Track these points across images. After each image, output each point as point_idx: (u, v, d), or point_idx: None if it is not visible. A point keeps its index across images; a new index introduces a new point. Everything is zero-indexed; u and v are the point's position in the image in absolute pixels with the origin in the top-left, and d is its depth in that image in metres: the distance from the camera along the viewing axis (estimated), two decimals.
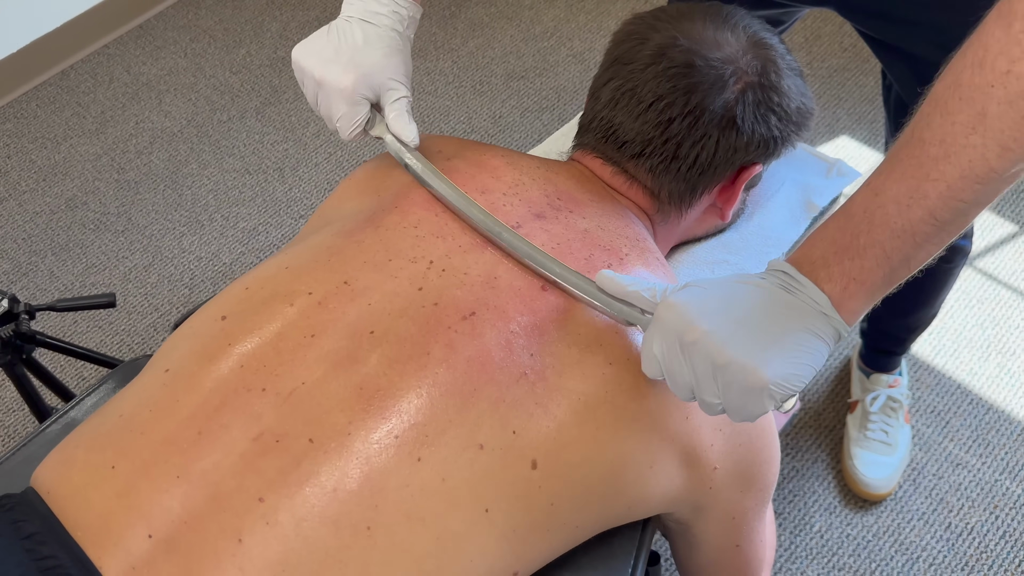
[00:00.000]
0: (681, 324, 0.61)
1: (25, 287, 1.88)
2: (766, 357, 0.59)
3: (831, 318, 0.60)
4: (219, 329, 0.71)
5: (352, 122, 0.81)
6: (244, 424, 0.65)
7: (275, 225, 1.97)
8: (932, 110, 0.56)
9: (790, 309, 0.60)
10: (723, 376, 0.60)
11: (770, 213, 0.99)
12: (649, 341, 0.64)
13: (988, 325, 1.71)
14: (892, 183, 0.58)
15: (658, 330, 0.63)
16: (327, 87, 0.80)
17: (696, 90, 0.79)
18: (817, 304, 0.60)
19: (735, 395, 0.60)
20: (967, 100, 0.53)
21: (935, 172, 0.55)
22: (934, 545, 1.46)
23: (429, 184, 0.78)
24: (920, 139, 0.56)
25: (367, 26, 0.81)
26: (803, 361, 0.59)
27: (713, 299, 0.62)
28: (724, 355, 0.59)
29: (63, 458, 0.69)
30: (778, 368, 0.59)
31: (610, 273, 0.68)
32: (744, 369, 0.58)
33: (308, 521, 0.61)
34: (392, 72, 0.81)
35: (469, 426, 0.65)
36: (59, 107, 2.24)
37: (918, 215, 0.57)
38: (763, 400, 0.59)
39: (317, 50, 0.81)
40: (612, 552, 0.81)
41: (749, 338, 0.59)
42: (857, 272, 0.59)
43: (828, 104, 2.12)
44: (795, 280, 0.61)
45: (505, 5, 2.44)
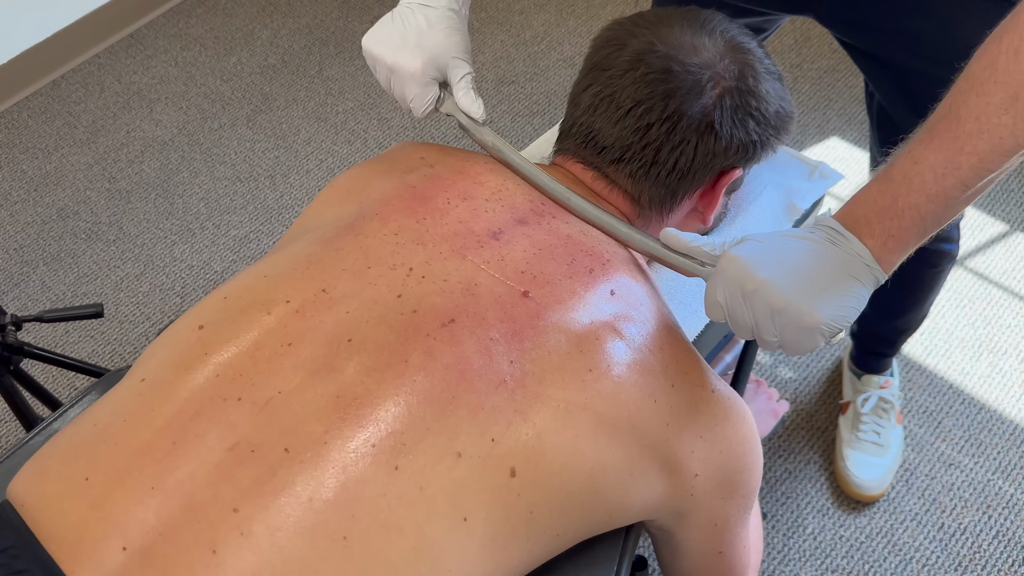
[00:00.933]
0: (742, 274, 0.68)
1: (17, 297, 1.88)
2: (818, 301, 0.66)
3: (872, 268, 0.67)
4: (196, 338, 0.71)
5: (424, 102, 0.87)
6: (220, 434, 0.65)
7: (266, 233, 1.97)
8: (968, 88, 0.63)
9: (837, 259, 0.68)
10: (780, 319, 0.67)
11: (752, 216, 0.99)
12: (712, 290, 0.71)
13: (979, 324, 1.71)
14: (930, 153, 0.65)
15: (721, 280, 0.70)
16: (399, 72, 0.85)
17: (674, 95, 0.79)
18: (860, 256, 0.67)
19: (791, 334, 0.68)
20: (1002, 84, 0.61)
21: (969, 146, 0.63)
22: (927, 546, 1.46)
23: (501, 153, 0.84)
24: (956, 115, 0.63)
25: (427, 9, 0.86)
26: (849, 304, 0.67)
27: (769, 252, 0.69)
28: (781, 300, 0.67)
29: (37, 469, 0.69)
30: (828, 310, 0.66)
31: (673, 230, 0.76)
32: (799, 312, 0.66)
33: (283, 531, 0.61)
34: (455, 51, 0.86)
35: (447, 434, 0.65)
36: (50, 117, 2.25)
37: (951, 183, 0.64)
38: (816, 337, 0.67)
39: (385, 38, 0.86)
40: (596, 559, 0.81)
41: (802, 285, 0.67)
42: (896, 230, 0.67)
43: (818, 105, 2.12)
44: (841, 235, 0.68)
45: (495, 10, 2.45)
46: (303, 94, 2.26)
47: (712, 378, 0.77)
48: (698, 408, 0.74)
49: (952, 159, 0.63)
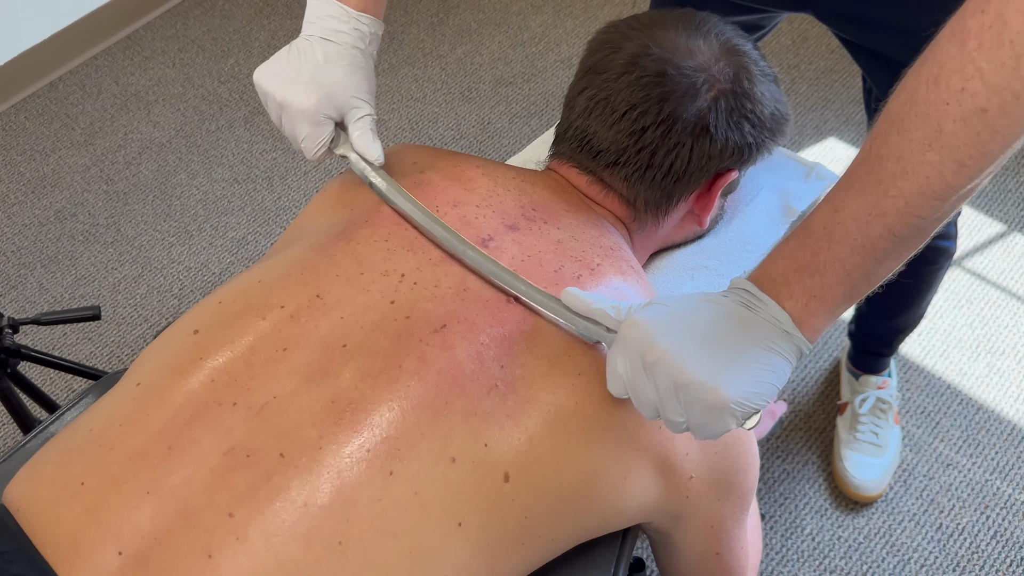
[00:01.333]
0: (644, 342, 0.61)
1: (14, 300, 1.88)
2: (727, 376, 0.59)
3: (792, 335, 0.60)
4: (191, 343, 0.71)
5: (316, 143, 0.81)
6: (215, 439, 0.65)
7: (264, 234, 1.97)
8: (889, 127, 0.56)
9: (751, 327, 0.61)
10: (685, 395, 0.60)
11: (749, 218, 0.99)
12: (613, 359, 0.65)
13: (977, 325, 1.71)
14: (851, 200, 0.58)
15: (621, 348, 0.64)
16: (289, 108, 0.80)
17: (669, 98, 0.79)
18: (778, 322, 0.60)
19: (697, 414, 0.61)
20: (923, 117, 0.54)
21: (893, 189, 0.56)
22: (925, 546, 1.46)
23: (393, 203, 0.78)
24: (878, 155, 0.57)
25: (328, 44, 0.81)
26: (764, 379, 0.60)
27: (676, 317, 0.62)
28: (685, 375, 0.59)
29: (32, 474, 0.69)
30: (739, 387, 0.59)
31: (575, 290, 0.69)
32: (704, 388, 0.59)
33: (278, 536, 0.61)
34: (354, 90, 0.81)
35: (441, 439, 0.65)
36: (48, 119, 2.25)
37: (877, 231, 0.57)
38: (725, 418, 0.60)
39: (278, 71, 0.81)
40: (593, 561, 0.81)
41: (710, 357, 0.60)
42: (818, 289, 0.60)
43: (816, 106, 2.12)
44: (756, 298, 0.61)
45: (493, 11, 2.45)
46: None
47: None
48: None
49: (876, 204, 0.57)
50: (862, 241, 0.58)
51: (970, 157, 0.53)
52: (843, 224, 0.58)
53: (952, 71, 0.52)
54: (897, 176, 0.56)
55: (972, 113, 0.52)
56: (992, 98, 0.51)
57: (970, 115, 0.52)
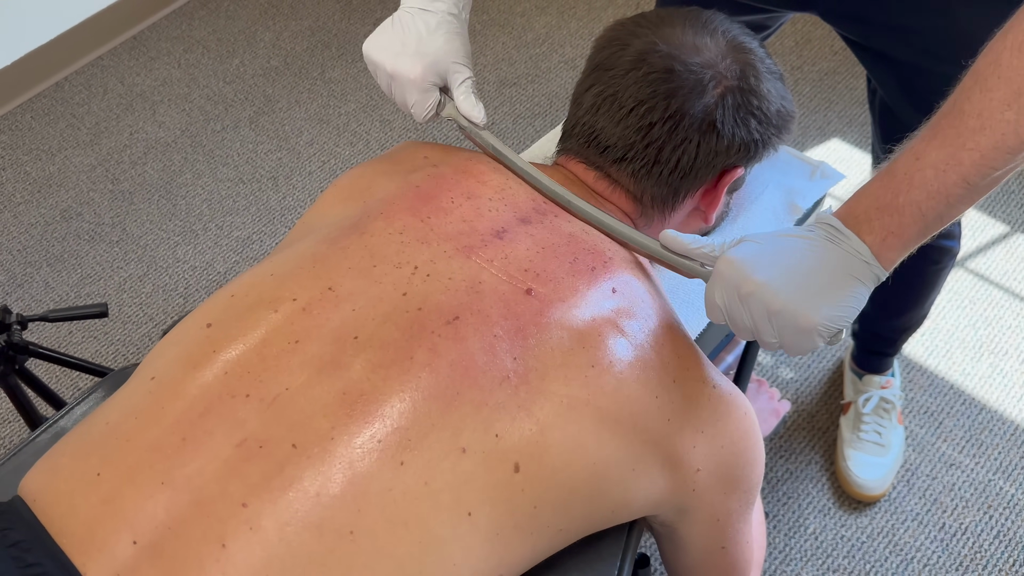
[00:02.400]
0: (739, 277, 0.68)
1: (20, 298, 1.88)
2: (814, 302, 0.66)
3: (871, 265, 0.67)
4: (204, 336, 0.71)
5: (425, 107, 0.87)
6: (228, 430, 0.66)
7: (269, 234, 1.98)
8: (973, 84, 0.62)
9: (835, 258, 0.67)
10: (778, 320, 0.67)
11: (754, 216, 1.00)
12: (711, 292, 0.71)
13: (980, 325, 1.72)
14: (932, 149, 0.64)
15: (719, 283, 0.70)
16: (399, 78, 0.86)
17: (676, 95, 0.79)
18: (859, 253, 0.67)
19: (789, 335, 0.68)
20: (1006, 79, 0.60)
21: (971, 142, 0.62)
22: (928, 546, 1.46)
23: (505, 156, 0.84)
24: (960, 110, 0.63)
25: (427, 15, 0.86)
26: (846, 303, 0.67)
27: (766, 252, 0.69)
28: (777, 302, 0.66)
29: (49, 466, 0.70)
30: (825, 311, 0.66)
31: (673, 232, 0.75)
32: (795, 314, 0.66)
33: (291, 526, 0.62)
34: (455, 56, 0.86)
35: (451, 430, 0.66)
36: (53, 119, 2.25)
37: (953, 179, 0.63)
38: (813, 338, 0.67)
39: (386, 44, 0.87)
40: (599, 554, 0.81)
41: (798, 286, 0.66)
42: (896, 227, 0.66)
43: (819, 107, 2.12)
44: (840, 232, 0.67)
45: (497, 12, 2.46)
46: (305, 96, 2.27)
47: (713, 374, 0.77)
48: (699, 404, 0.75)
49: (954, 155, 0.62)
50: (939, 187, 0.64)
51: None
52: (922, 171, 0.64)
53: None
54: (976, 131, 0.61)
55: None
56: None
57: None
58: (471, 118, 0.87)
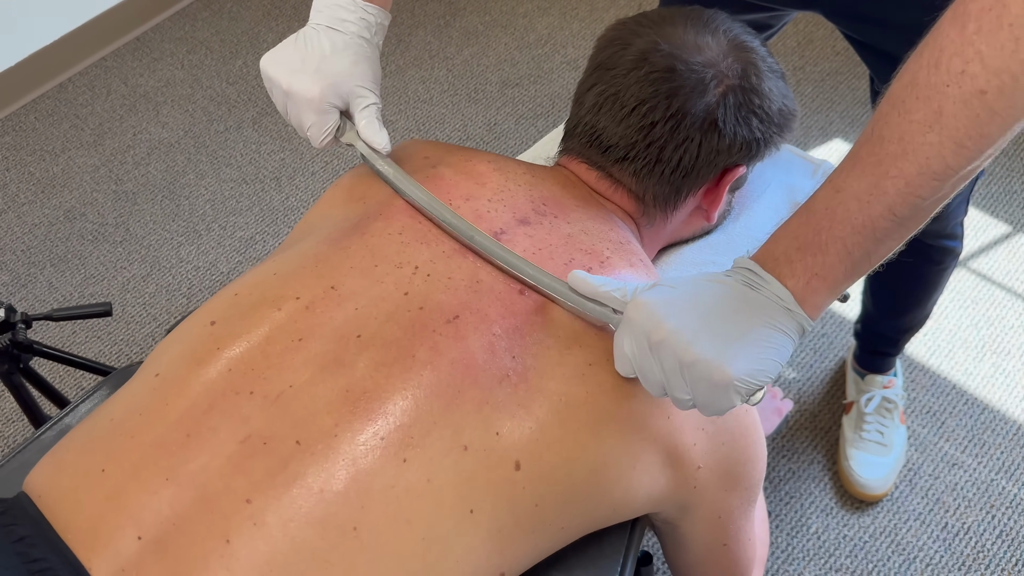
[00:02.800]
0: (649, 323, 0.63)
1: (24, 298, 1.89)
2: (730, 354, 0.60)
3: (794, 313, 0.61)
4: (208, 334, 0.72)
5: (322, 131, 0.82)
6: (232, 427, 0.66)
7: (272, 234, 1.98)
8: (890, 109, 0.57)
9: (754, 305, 0.62)
10: (690, 373, 0.61)
11: (756, 214, 1.00)
12: (620, 340, 0.66)
13: (983, 325, 1.72)
14: (853, 180, 0.59)
15: (627, 329, 0.65)
16: (295, 96, 0.81)
17: (677, 94, 0.80)
18: (780, 300, 0.61)
19: (703, 391, 0.62)
20: (924, 99, 0.55)
21: (894, 169, 0.57)
22: (931, 545, 1.46)
23: (401, 190, 0.79)
24: (880, 137, 0.58)
25: (334, 34, 0.82)
26: (767, 356, 0.61)
27: (680, 297, 0.63)
28: (690, 353, 0.60)
29: (54, 462, 0.70)
30: (742, 364, 0.60)
31: (582, 274, 0.70)
32: (709, 366, 0.60)
33: (295, 522, 0.62)
34: (360, 79, 0.82)
35: (453, 427, 0.66)
36: (57, 119, 2.26)
37: (878, 211, 0.58)
38: (730, 395, 0.61)
39: (284, 59, 0.82)
40: (602, 551, 0.82)
41: (714, 335, 0.61)
42: (819, 267, 0.61)
43: (821, 107, 2.13)
44: (759, 276, 0.62)
45: (499, 13, 2.46)
46: None
47: None
48: None
49: (877, 184, 0.57)
50: (863, 220, 0.59)
51: (969, 138, 0.54)
52: (844, 204, 0.59)
53: (952, 53, 0.53)
54: (898, 157, 0.56)
55: (972, 95, 0.53)
56: (991, 80, 0.52)
57: (970, 97, 0.53)
58: (373, 144, 0.81)
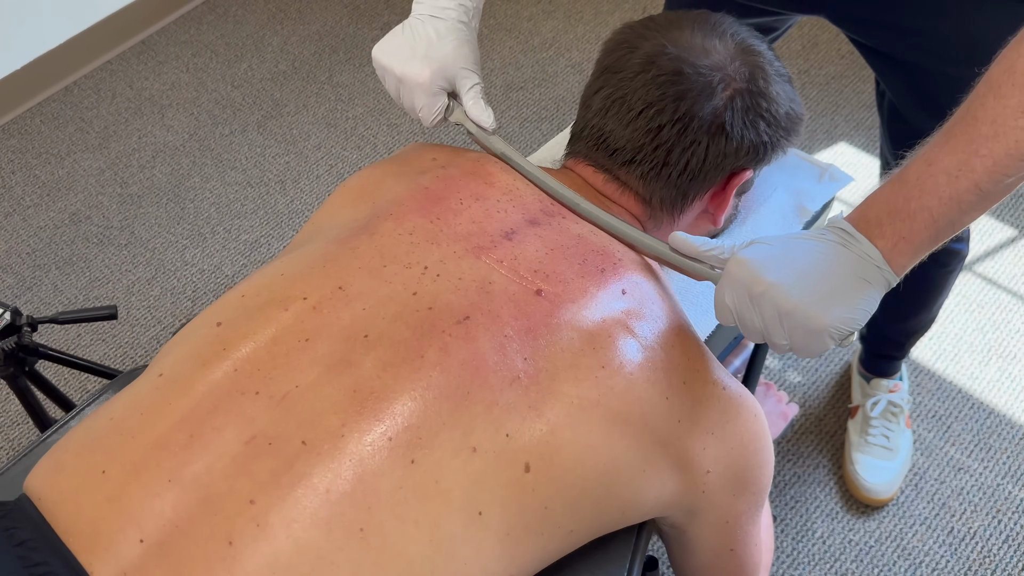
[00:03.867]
0: (750, 277, 0.68)
1: (29, 301, 1.89)
2: (826, 303, 0.66)
3: (883, 270, 0.67)
4: (214, 335, 0.71)
5: (433, 111, 0.88)
6: (237, 427, 0.65)
7: (277, 237, 1.98)
8: (987, 91, 0.62)
9: (846, 261, 0.67)
10: (788, 321, 0.67)
11: (763, 218, 1.00)
12: (721, 293, 0.71)
13: (988, 329, 1.71)
14: (944, 155, 0.64)
15: (729, 283, 0.70)
16: (408, 82, 0.87)
17: (685, 97, 0.80)
18: (870, 258, 0.67)
19: (800, 337, 0.68)
20: (1020, 87, 0.60)
21: (984, 149, 0.62)
22: (936, 550, 1.46)
23: (512, 161, 0.85)
24: (973, 117, 0.63)
25: (437, 21, 0.87)
26: (857, 306, 0.67)
27: (778, 254, 0.69)
28: (789, 303, 0.66)
29: (53, 463, 0.70)
30: (836, 312, 0.66)
31: (683, 235, 0.76)
32: (807, 315, 0.66)
33: (299, 523, 0.62)
34: (464, 62, 0.87)
35: (462, 429, 0.66)
36: (63, 123, 2.27)
37: (965, 186, 0.63)
38: (824, 339, 0.67)
39: (395, 48, 0.88)
40: (608, 556, 0.81)
41: (810, 287, 0.66)
42: (907, 232, 0.66)
43: (826, 111, 2.12)
44: (852, 236, 0.68)
45: (504, 17, 2.46)
46: (313, 100, 2.28)
47: (723, 376, 0.77)
48: (709, 405, 0.74)
49: (966, 161, 0.63)
50: (951, 193, 0.64)
51: None
52: (935, 177, 0.64)
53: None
54: (989, 138, 0.61)
55: None
56: None
57: None
58: (480, 123, 0.87)
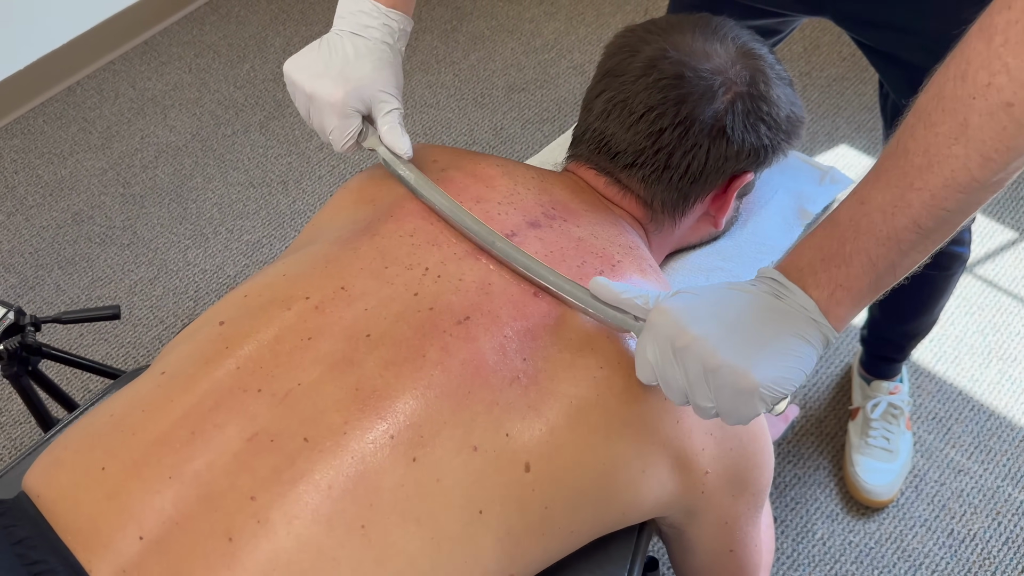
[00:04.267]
0: (674, 329, 0.62)
1: (32, 300, 1.89)
2: (756, 361, 0.60)
3: (819, 323, 0.61)
4: (217, 333, 0.72)
5: (344, 135, 0.82)
6: (239, 424, 0.66)
7: (279, 238, 1.99)
8: (916, 121, 0.58)
9: (779, 314, 0.62)
10: (715, 379, 0.61)
11: (764, 220, 1.00)
12: (643, 346, 0.66)
13: (989, 331, 1.72)
14: (878, 192, 0.60)
15: (651, 335, 0.65)
16: (318, 101, 0.82)
17: (686, 100, 0.80)
18: (805, 310, 0.61)
19: (727, 398, 0.61)
20: (949, 111, 0.55)
21: (919, 181, 0.57)
22: (936, 552, 1.46)
23: (423, 195, 0.79)
24: (904, 149, 0.58)
25: (357, 39, 0.83)
26: (792, 365, 0.61)
27: (704, 305, 0.63)
28: (715, 359, 0.60)
29: (52, 460, 0.70)
30: (768, 371, 0.60)
31: (604, 280, 0.69)
32: (735, 372, 0.60)
33: (300, 519, 0.62)
34: (383, 84, 0.82)
35: (463, 428, 0.66)
36: (65, 123, 2.27)
37: (902, 223, 0.59)
38: (754, 402, 0.61)
39: (307, 64, 0.83)
40: (608, 557, 0.82)
41: (739, 342, 0.61)
42: (844, 279, 0.61)
43: (827, 113, 2.13)
44: (783, 287, 0.63)
45: (506, 18, 2.47)
46: None
47: None
48: None
49: (902, 196, 0.58)
50: (888, 232, 0.59)
51: (996, 151, 0.54)
52: (869, 216, 0.60)
53: (979, 66, 0.54)
54: (923, 169, 0.57)
55: (998, 107, 0.53)
56: (1018, 92, 0.52)
57: (996, 109, 0.53)
58: (395, 150, 0.81)
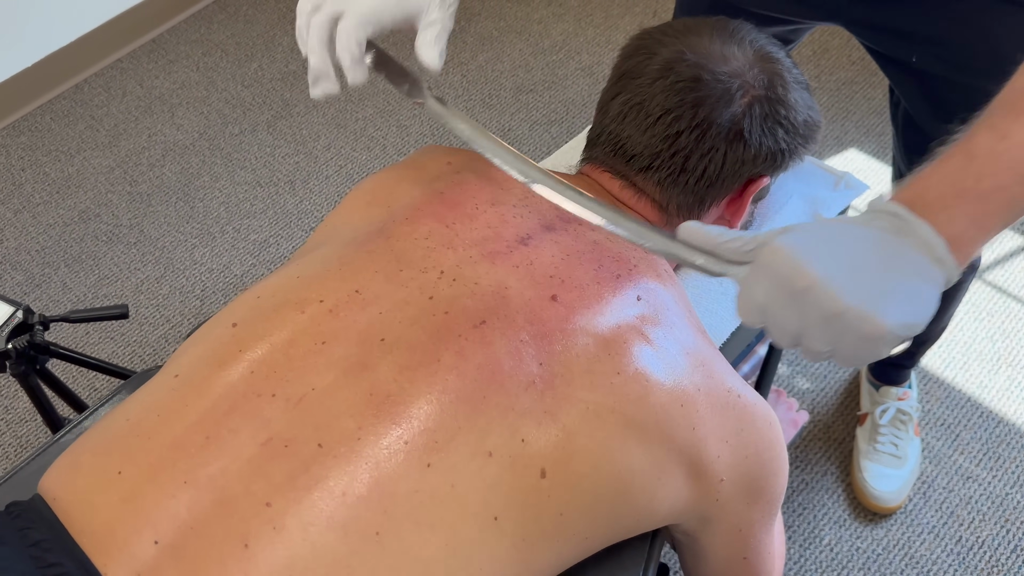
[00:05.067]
0: (790, 270, 0.56)
1: (38, 298, 1.89)
2: (883, 305, 0.54)
3: (945, 262, 0.56)
4: (230, 336, 0.71)
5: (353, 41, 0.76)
6: (253, 429, 0.65)
7: (286, 237, 1.98)
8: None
9: (902, 252, 0.56)
10: (838, 325, 0.55)
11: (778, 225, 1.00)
12: (750, 288, 0.58)
13: (998, 338, 1.71)
14: (1021, 127, 0.55)
15: (763, 276, 0.57)
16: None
17: (703, 104, 0.79)
18: (931, 248, 0.56)
19: (849, 343, 0.56)
20: None
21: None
22: (945, 559, 1.46)
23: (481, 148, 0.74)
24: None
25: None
26: (919, 308, 0.56)
27: (821, 243, 0.57)
28: (840, 303, 0.54)
29: (69, 463, 0.70)
30: (896, 316, 0.54)
31: (695, 224, 0.62)
32: (862, 317, 0.54)
33: (315, 526, 0.62)
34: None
35: (478, 433, 0.66)
36: (73, 120, 2.27)
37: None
38: (880, 347, 0.56)
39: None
40: (621, 564, 0.81)
41: (864, 284, 0.55)
42: (980, 216, 0.56)
43: (836, 117, 2.12)
44: (906, 222, 0.57)
45: (514, 19, 2.46)
46: (322, 101, 2.28)
47: (738, 383, 0.77)
48: (724, 413, 0.74)
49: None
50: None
51: None
52: (1010, 151, 0.55)
53: None
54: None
55: None
56: None
57: None
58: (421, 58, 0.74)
